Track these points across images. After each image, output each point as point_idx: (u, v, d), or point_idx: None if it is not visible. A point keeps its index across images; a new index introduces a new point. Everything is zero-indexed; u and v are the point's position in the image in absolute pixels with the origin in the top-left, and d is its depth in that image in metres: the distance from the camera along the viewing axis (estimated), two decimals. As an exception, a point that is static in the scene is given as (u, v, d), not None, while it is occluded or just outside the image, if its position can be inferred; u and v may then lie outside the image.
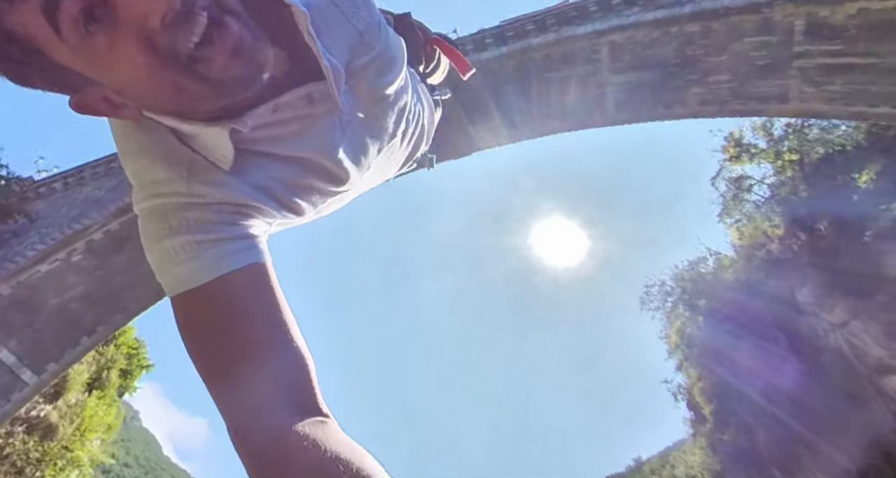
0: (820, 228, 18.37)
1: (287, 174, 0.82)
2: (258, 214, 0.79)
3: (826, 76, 12.25)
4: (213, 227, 0.74)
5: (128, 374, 28.04)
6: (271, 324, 0.73)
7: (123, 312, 16.94)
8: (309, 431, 0.64)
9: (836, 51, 11.82)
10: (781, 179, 21.81)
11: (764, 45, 12.92)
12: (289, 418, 0.66)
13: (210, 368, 0.71)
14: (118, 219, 16.34)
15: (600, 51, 15.19)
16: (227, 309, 0.72)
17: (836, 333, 17.49)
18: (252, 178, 0.78)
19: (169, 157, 0.75)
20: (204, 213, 0.74)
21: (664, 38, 14.27)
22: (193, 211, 0.74)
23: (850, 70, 11.82)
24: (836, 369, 17.59)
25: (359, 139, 0.89)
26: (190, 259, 0.72)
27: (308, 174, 0.84)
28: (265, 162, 0.80)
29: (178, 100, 0.69)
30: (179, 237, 0.73)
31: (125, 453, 72.55)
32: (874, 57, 11.28)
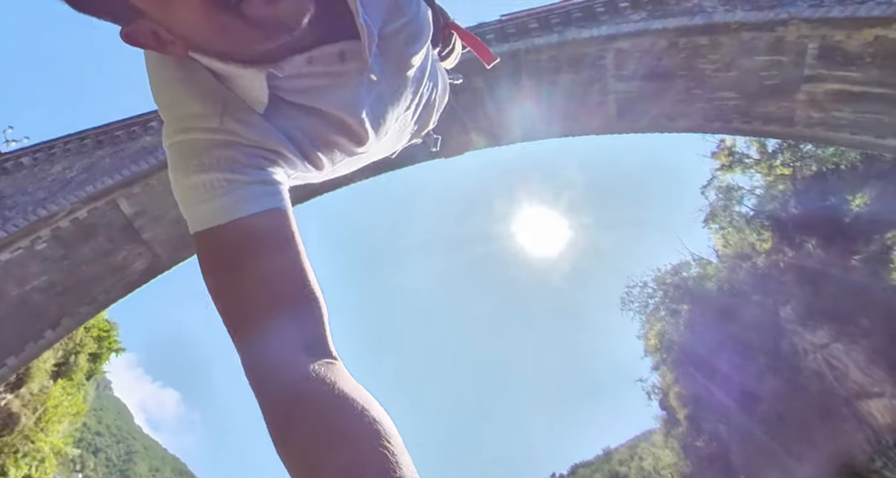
0: (809, 246, 18.32)
1: (313, 126, 0.84)
2: (283, 161, 0.81)
3: (835, 103, 11.91)
4: (243, 168, 0.75)
5: (97, 357, 27.17)
6: (291, 267, 0.74)
7: (91, 304, 16.16)
8: (321, 371, 0.66)
9: (847, 78, 11.46)
10: (773, 194, 21.70)
11: (774, 65, 12.51)
12: (302, 358, 0.68)
13: (229, 305, 0.72)
14: (87, 206, 15.47)
15: (605, 57, 14.65)
16: (250, 248, 0.73)
17: (817, 354, 17.61)
18: (281, 124, 0.80)
19: (206, 93, 0.77)
20: (235, 153, 0.76)
21: (672, 48, 13.78)
22: (225, 149, 0.75)
23: (860, 99, 11.48)
24: (813, 389, 17.75)
25: (381, 103, 0.91)
26: (219, 196, 0.73)
27: (332, 130, 0.87)
28: (294, 112, 0.82)
29: (223, 41, 0.71)
30: (210, 174, 0.74)
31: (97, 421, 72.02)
32: (887, 87, 10.95)
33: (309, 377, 0.65)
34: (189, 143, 0.76)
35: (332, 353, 0.72)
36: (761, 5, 12.61)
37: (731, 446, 22.20)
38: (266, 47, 0.73)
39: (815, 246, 18.24)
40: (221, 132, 0.76)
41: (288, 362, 0.67)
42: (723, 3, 13.37)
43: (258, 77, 0.76)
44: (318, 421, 0.61)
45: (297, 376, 0.66)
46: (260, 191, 0.76)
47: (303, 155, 0.84)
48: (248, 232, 0.73)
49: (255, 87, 0.77)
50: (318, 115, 0.84)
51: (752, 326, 21.00)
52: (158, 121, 16.42)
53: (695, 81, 13.88)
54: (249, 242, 0.73)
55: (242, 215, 0.73)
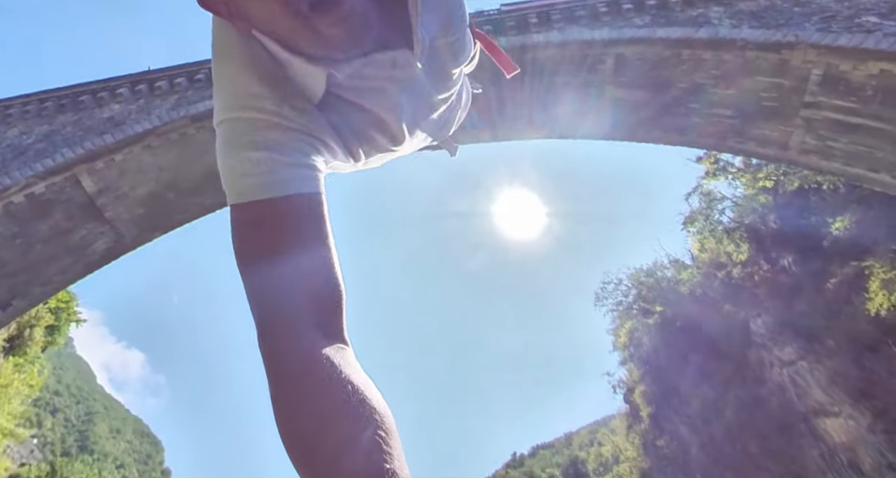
0: (785, 262, 18.51)
1: (358, 123, 0.90)
2: (326, 150, 0.86)
3: (831, 132, 11.73)
4: (292, 151, 0.80)
5: (55, 329, 26.11)
6: (320, 250, 0.77)
7: (46, 286, 15.28)
8: (329, 352, 0.69)
9: (847, 108, 11.25)
10: (753, 206, 21.79)
11: (775, 87, 12.22)
12: (315, 336, 0.70)
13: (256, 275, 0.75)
14: (45, 181, 14.45)
15: (605, 61, 14.16)
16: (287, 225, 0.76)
17: (783, 370, 18.00)
18: (330, 116, 0.86)
19: (268, 75, 0.81)
20: (287, 136, 0.80)
21: (674, 59, 13.36)
22: (278, 132, 0.80)
23: (857, 130, 11.31)
24: (775, 402, 18.21)
25: (420, 108, 0.99)
26: (267, 173, 0.77)
27: (373, 128, 0.92)
28: (344, 107, 0.88)
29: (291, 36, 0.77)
30: (261, 152, 0.78)
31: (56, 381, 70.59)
32: (886, 122, 10.79)
33: (320, 356, 0.67)
34: (246, 120, 0.79)
35: (345, 339, 0.75)
36: (768, 23, 12.24)
37: (690, 448, 22.84)
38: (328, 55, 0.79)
39: (791, 263, 18.44)
40: (278, 116, 0.80)
41: (301, 338, 0.69)
42: (729, 16, 12.96)
43: (319, 75, 0.81)
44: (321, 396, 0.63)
45: (308, 352, 0.68)
46: (304, 174, 0.80)
47: (345, 147, 0.90)
48: (287, 210, 0.77)
49: (314, 81, 0.82)
50: (364, 112, 0.90)
51: (722, 334, 21.35)
52: (128, 88, 15.33)
53: (693, 95, 13.53)
54: (287, 219, 0.76)
55: (287, 193, 0.77)
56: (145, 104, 15.11)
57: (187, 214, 16.14)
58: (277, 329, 0.71)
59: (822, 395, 16.22)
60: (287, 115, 0.80)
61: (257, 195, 0.76)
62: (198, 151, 14.28)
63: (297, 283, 0.74)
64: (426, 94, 0.98)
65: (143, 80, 15.44)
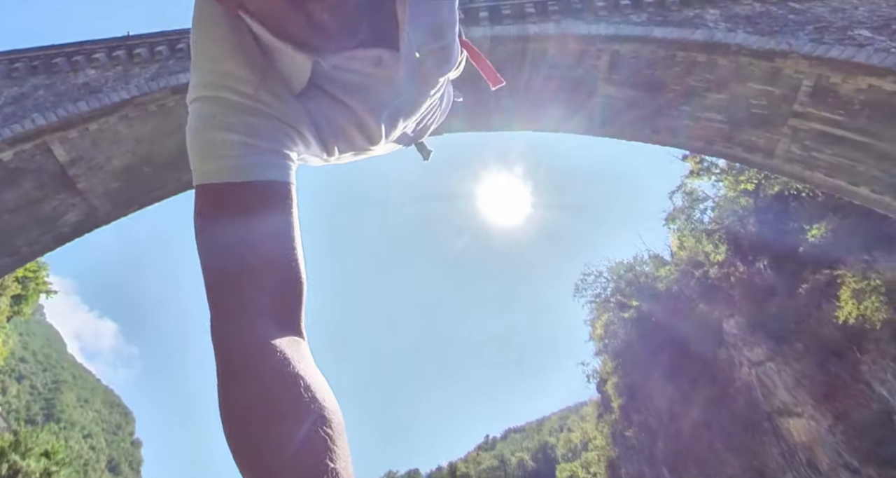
0: (760, 266, 18.87)
1: (336, 117, 0.88)
2: (301, 141, 0.84)
3: (817, 142, 11.85)
4: (267, 138, 0.78)
5: (21, 299, 25.41)
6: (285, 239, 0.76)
7: (12, 257, 14.76)
8: (283, 344, 0.67)
9: (834, 120, 11.36)
10: (734, 208, 22.10)
11: (766, 95, 12.28)
12: (270, 327, 0.69)
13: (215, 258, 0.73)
14: (14, 148, 13.86)
15: (600, 58, 14.02)
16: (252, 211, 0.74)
17: (751, 370, 18.51)
18: (309, 107, 0.85)
19: (249, 59, 0.79)
20: (263, 122, 0.79)
21: (668, 60, 13.30)
22: (253, 116, 0.78)
23: (841, 143, 11.45)
24: (741, 400, 18.76)
25: (399, 111, 0.97)
26: (239, 156, 0.76)
27: (351, 125, 0.91)
28: (324, 99, 0.87)
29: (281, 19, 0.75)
30: (236, 135, 0.76)
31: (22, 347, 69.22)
32: (870, 137, 10.93)
33: (273, 348, 0.65)
34: (222, 100, 0.77)
35: (302, 332, 0.74)
36: (762, 29, 12.23)
37: (657, 440, 23.49)
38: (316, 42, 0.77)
39: (766, 266, 18.82)
40: (255, 100, 0.78)
41: (254, 329, 0.67)
42: (725, 20, 12.91)
43: (305, 62, 0.79)
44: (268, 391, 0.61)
45: (259, 343, 0.66)
46: (276, 162, 0.78)
47: (321, 140, 0.88)
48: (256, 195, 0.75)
49: (299, 68, 0.80)
50: (344, 108, 0.88)
51: (695, 332, 21.82)
52: (105, 53, 14.64)
53: (685, 97, 13.52)
54: (254, 204, 0.74)
55: (256, 179, 0.75)
56: (123, 72, 14.47)
57: (165, 189, 15.66)
58: (232, 316, 0.69)
59: (787, 395, 16.76)
60: (265, 100, 0.78)
61: (227, 177, 0.74)
62: (177, 124, 13.78)
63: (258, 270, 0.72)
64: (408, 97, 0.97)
65: (121, 45, 14.77)
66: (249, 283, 0.71)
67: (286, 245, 0.76)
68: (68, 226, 14.86)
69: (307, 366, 0.66)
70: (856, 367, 14.60)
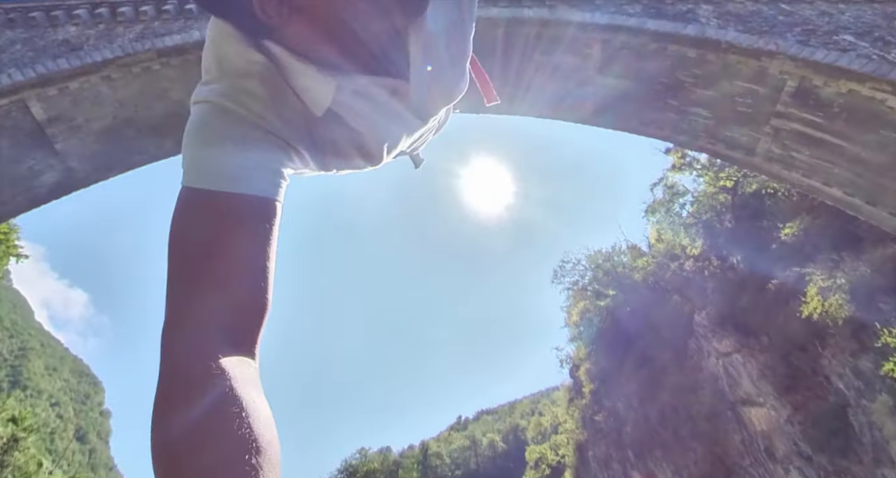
0: (733, 262, 19.42)
1: (342, 142, 0.90)
2: (299, 160, 0.86)
3: (796, 143, 12.18)
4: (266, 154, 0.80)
5: (-8, 263, 24.76)
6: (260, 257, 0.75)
7: (-15, 219, 14.38)
8: (231, 365, 0.65)
9: (814, 122, 11.68)
10: (712, 203, 22.60)
11: (751, 94, 12.52)
12: (224, 345, 0.67)
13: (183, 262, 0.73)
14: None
15: (593, 46, 14.07)
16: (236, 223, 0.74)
17: (719, 360, 19.19)
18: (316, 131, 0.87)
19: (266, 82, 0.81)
20: (265, 138, 0.80)
21: (660, 53, 13.43)
22: (258, 132, 0.80)
23: (819, 144, 11.79)
24: (708, 389, 19.46)
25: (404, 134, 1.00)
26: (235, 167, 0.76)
27: (354, 148, 0.93)
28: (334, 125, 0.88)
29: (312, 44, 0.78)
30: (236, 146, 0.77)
31: (-14, 311, 67.75)
32: (845, 140, 11.28)
33: (218, 370, 0.63)
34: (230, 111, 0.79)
35: (254, 353, 0.72)
36: (752, 28, 12.42)
37: (625, 425, 24.26)
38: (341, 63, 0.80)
39: (739, 261, 19.38)
40: (262, 119, 0.80)
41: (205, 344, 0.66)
42: (717, 16, 13.07)
43: (328, 85, 0.82)
44: (203, 416, 0.59)
45: (206, 362, 0.64)
46: (269, 179, 0.79)
47: (320, 161, 0.90)
48: (243, 208, 0.75)
49: (321, 92, 0.82)
50: (353, 133, 0.90)
51: (667, 323, 22.43)
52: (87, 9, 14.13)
53: (673, 91, 13.70)
54: (234, 217, 0.74)
55: (247, 192, 0.75)
56: (106, 30, 14.00)
57: (146, 155, 15.32)
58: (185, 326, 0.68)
59: (751, 386, 17.47)
60: (271, 120, 0.80)
61: (219, 186, 0.74)
62: (161, 88, 13.46)
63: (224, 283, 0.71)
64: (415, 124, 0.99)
65: (104, 2, 14.27)
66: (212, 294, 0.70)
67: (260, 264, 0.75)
68: (45, 187, 14.49)
69: (251, 391, 0.64)
70: (817, 361, 15.26)
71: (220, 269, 0.71)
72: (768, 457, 16.69)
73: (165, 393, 0.63)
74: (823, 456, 14.45)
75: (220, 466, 0.56)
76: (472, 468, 76.94)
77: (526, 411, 77.96)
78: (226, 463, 0.56)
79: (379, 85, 0.87)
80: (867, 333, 13.42)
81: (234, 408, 0.60)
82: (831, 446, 14.14)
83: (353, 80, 0.84)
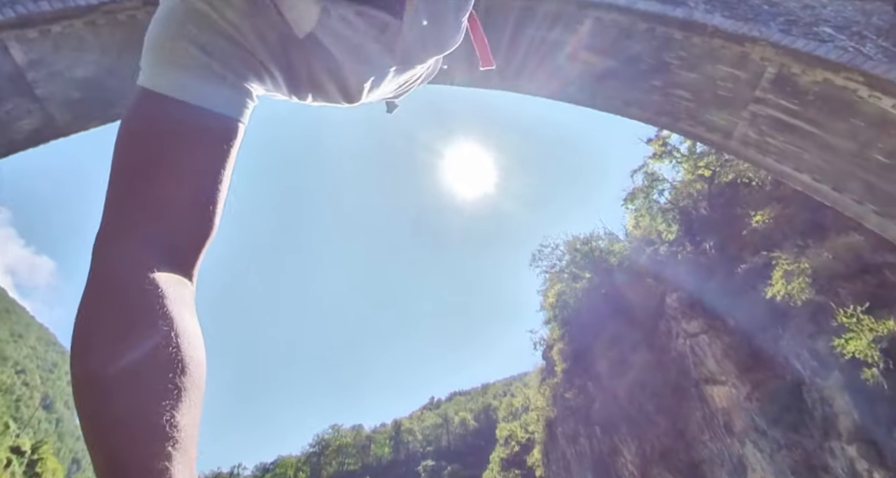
0: (706, 247, 20.06)
1: (319, 70, 0.85)
2: (270, 81, 0.80)
3: (771, 129, 12.60)
4: (231, 65, 0.74)
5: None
6: (209, 180, 0.71)
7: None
8: (165, 280, 0.62)
9: (789, 109, 12.09)
10: (689, 191, 23.20)
11: (732, 78, 12.86)
12: (158, 259, 0.63)
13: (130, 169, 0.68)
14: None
15: (583, 22, 14.19)
16: (192, 138, 0.70)
17: (686, 341, 19.94)
18: (293, 54, 0.80)
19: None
20: (233, 49, 0.74)
21: (648, 34, 13.64)
22: (226, 41, 0.73)
23: (793, 131, 12.23)
24: (674, 368, 20.25)
25: (386, 78, 0.94)
26: (198, 77, 0.71)
27: (332, 81, 0.87)
28: (313, 50, 0.82)
29: None
30: (198, 51, 0.71)
31: (-54, 274, 65.57)
32: (817, 128, 11.72)
33: (151, 282, 0.60)
34: (203, 14, 0.72)
35: (192, 276, 0.69)
36: (738, 15, 12.74)
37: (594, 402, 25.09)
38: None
39: (711, 247, 20.04)
40: (236, 31, 0.74)
41: (140, 256, 0.62)
42: (705, 1, 13.33)
43: (315, 7, 0.77)
44: (131, 327, 0.57)
45: (140, 273, 0.61)
46: (234, 97, 0.74)
47: (293, 85, 0.84)
48: (199, 123, 0.70)
49: (306, 11, 0.77)
50: (331, 62, 0.85)
51: (640, 304, 23.13)
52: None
53: (658, 73, 13.96)
54: (194, 132, 0.70)
55: (202, 105, 0.71)
56: (91, -23, 13.63)
57: (127, 109, 15.05)
58: (122, 235, 0.63)
59: (715, 365, 18.27)
60: (245, 34, 0.74)
61: (179, 94, 0.70)
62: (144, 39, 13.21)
63: (172, 198, 0.67)
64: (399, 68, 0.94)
65: (88, -50, 13.84)
66: (156, 206, 0.66)
67: (209, 183, 0.70)
68: (22, 133, 14.10)
69: (184, 311, 0.61)
70: (777, 342, 16.02)
71: (168, 181, 0.67)
72: (726, 431, 17.57)
73: (92, 303, 0.59)
74: (777, 430, 15.29)
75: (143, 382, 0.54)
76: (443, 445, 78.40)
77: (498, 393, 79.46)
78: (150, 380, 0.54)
79: (369, 16, 0.82)
80: (825, 316, 14.14)
81: (164, 325, 0.57)
82: (785, 421, 14.98)
83: (343, 6, 0.78)
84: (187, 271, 0.68)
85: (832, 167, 12.56)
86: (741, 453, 16.89)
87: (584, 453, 26.12)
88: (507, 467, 44.72)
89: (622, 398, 22.38)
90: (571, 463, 27.77)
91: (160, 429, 0.51)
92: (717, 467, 17.82)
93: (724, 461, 17.62)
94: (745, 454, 16.69)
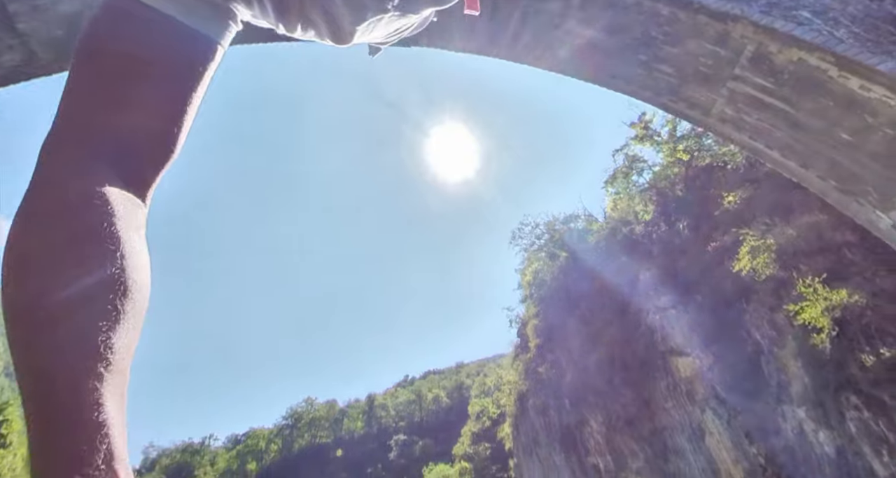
0: (680, 227, 20.79)
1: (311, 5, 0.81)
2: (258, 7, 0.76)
3: (747, 106, 13.09)
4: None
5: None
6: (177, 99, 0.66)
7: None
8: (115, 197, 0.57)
9: (765, 87, 12.56)
10: (667, 173, 23.90)
11: (713, 55, 13.26)
12: (110, 175, 0.59)
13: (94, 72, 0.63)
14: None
15: (577, -7, 14.41)
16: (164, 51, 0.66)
17: (656, 316, 20.77)
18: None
19: None
20: None
21: (637, 7, 13.96)
22: None
23: (767, 109, 12.73)
24: (643, 341, 21.10)
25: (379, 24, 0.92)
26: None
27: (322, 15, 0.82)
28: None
29: None
30: None
31: None
32: (790, 106, 12.24)
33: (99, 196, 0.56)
34: None
35: (145, 197, 0.65)
36: (723, -7, 13.14)
37: (566, 375, 25.96)
38: None
39: (685, 227, 20.79)
40: None
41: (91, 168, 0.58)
42: (692, -22, 13.69)
43: None
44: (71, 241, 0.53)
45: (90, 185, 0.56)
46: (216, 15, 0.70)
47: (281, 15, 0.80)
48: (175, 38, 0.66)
49: None
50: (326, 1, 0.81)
51: (614, 282, 23.90)
52: None
53: (644, 47, 14.30)
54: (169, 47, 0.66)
55: (185, 22, 0.66)
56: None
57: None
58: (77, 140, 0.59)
59: (681, 338, 19.16)
60: None
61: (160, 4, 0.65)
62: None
63: (134, 109, 0.62)
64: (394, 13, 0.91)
65: None
66: (117, 115, 0.61)
67: (177, 102, 0.66)
68: (3, 68, 13.82)
69: (132, 232, 0.57)
70: (741, 315, 16.87)
71: (132, 92, 0.62)
72: (688, 400, 18.53)
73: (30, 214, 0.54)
74: (735, 397, 16.23)
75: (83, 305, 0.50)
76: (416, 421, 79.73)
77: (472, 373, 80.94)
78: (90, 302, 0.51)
79: None
80: (786, 290, 14.96)
81: (111, 245, 0.54)
82: (742, 388, 15.91)
83: None
84: (142, 192, 0.64)
85: (801, 145, 13.18)
86: (701, 420, 17.89)
87: (552, 424, 27.13)
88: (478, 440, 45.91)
89: (592, 371, 23.26)
90: (540, 434, 28.81)
91: (94, 350, 0.49)
92: (678, 433, 18.85)
93: (684, 428, 18.64)
94: (705, 420, 17.70)
